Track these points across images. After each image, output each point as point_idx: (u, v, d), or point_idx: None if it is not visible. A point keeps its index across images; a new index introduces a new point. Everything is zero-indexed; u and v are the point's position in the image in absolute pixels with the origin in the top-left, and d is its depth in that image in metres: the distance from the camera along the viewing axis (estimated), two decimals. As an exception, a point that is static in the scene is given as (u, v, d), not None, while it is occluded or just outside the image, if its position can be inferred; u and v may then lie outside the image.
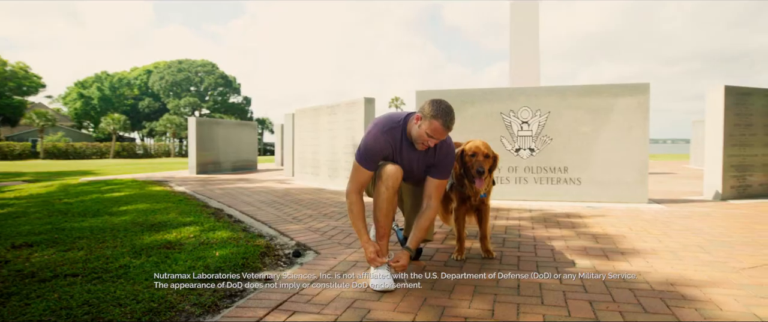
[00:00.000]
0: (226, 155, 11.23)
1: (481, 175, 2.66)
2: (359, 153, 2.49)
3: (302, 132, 8.15)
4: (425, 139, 2.38)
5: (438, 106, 2.34)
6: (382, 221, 2.49)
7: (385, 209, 2.46)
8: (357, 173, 2.51)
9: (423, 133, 2.37)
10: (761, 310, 2.00)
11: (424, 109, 2.37)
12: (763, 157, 5.71)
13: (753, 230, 3.66)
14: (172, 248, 3.21)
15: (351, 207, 2.52)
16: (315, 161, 7.67)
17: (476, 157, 2.72)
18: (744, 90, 5.55)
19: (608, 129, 5.10)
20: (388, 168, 2.46)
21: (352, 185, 2.52)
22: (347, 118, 6.75)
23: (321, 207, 5.00)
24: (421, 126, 2.37)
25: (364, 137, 2.50)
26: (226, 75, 55.13)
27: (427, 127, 2.34)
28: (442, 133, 2.36)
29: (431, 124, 2.33)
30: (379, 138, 2.46)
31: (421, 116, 2.37)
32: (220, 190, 6.87)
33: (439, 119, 2.32)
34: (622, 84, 5.07)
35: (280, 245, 3.37)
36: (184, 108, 51.73)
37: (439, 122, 2.32)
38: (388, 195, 2.44)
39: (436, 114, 2.32)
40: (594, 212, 4.58)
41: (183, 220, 4.20)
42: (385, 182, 2.44)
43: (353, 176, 2.52)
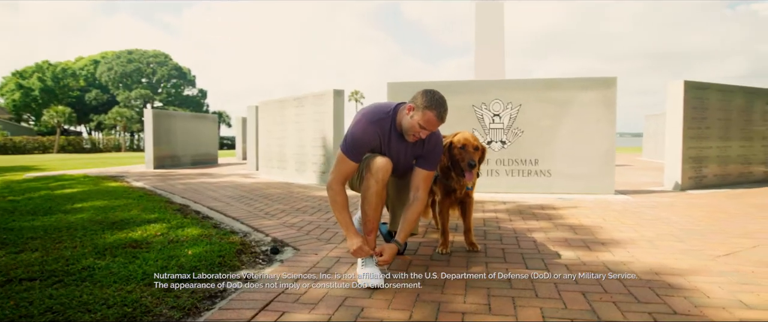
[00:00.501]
0: (185, 149, 10.78)
1: (472, 168, 2.61)
2: (346, 144, 2.38)
3: (267, 125, 7.91)
4: (417, 130, 2.31)
5: (431, 97, 2.27)
6: (371, 215, 2.40)
7: (374, 202, 2.37)
8: (342, 165, 2.40)
9: (415, 124, 2.29)
10: (746, 297, 2.05)
11: (416, 100, 2.29)
12: (717, 149, 6.00)
13: (717, 219, 3.81)
14: (139, 247, 3.00)
15: (335, 198, 2.41)
16: (281, 154, 7.46)
17: (466, 149, 2.66)
18: (700, 85, 5.80)
19: (577, 122, 5.20)
20: (377, 161, 2.36)
21: (335, 176, 2.41)
22: (315, 110, 6.59)
23: (292, 202, 4.85)
24: (413, 117, 2.30)
25: (351, 128, 2.40)
26: (180, 67, 53.09)
27: (420, 118, 2.27)
28: (435, 124, 2.30)
29: (424, 115, 2.26)
30: (368, 129, 2.36)
31: (414, 107, 2.29)
32: (182, 185, 6.56)
33: (434, 110, 2.25)
34: (590, 78, 5.18)
35: (256, 241, 3.22)
36: (135, 100, 49.46)
37: (433, 113, 2.26)
38: (378, 189, 2.35)
39: (430, 105, 2.25)
40: (566, 203, 4.66)
41: (147, 217, 3.96)
42: (375, 175, 2.34)
43: (337, 168, 2.41)
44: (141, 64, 51.06)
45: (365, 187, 2.38)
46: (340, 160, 2.39)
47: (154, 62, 51.89)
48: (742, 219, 3.81)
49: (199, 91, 55.14)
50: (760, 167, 6.63)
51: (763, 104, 6.58)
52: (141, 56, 51.53)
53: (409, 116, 2.32)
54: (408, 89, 5.47)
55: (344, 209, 2.40)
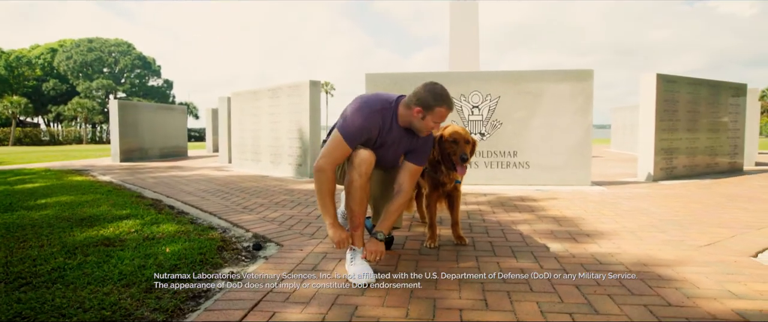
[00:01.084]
0: (153, 142, 10.40)
1: (464, 161, 2.57)
2: (346, 129, 2.29)
3: (240, 116, 7.69)
4: (431, 127, 2.32)
5: (435, 93, 2.27)
6: (357, 210, 2.32)
7: (359, 197, 2.29)
8: (337, 149, 2.30)
9: (429, 123, 2.29)
10: (733, 287, 2.09)
11: (422, 100, 2.26)
12: (686, 140, 6.18)
13: (693, 210, 3.91)
14: (112, 244, 2.85)
15: (323, 183, 2.30)
16: (255, 146, 7.28)
17: (458, 143, 2.61)
18: (671, 78, 5.95)
19: (555, 114, 5.25)
20: (360, 154, 2.28)
21: (328, 159, 2.30)
22: (291, 102, 6.43)
23: (270, 195, 4.72)
24: (425, 118, 2.29)
25: (353, 113, 2.31)
26: (144, 56, 51.24)
27: (433, 117, 2.28)
28: (445, 115, 2.32)
29: (436, 113, 2.27)
30: (372, 117, 2.30)
31: (423, 109, 2.27)
32: (152, 179, 6.31)
33: (443, 105, 2.28)
34: (568, 70, 5.23)
35: (236, 237, 3.11)
36: (96, 91, 47.49)
37: (444, 108, 2.28)
38: (362, 182, 2.28)
39: (437, 102, 2.26)
40: (544, 195, 4.70)
41: (118, 213, 3.77)
42: (358, 169, 2.26)
43: (331, 151, 2.30)
44: (102, 53, 48.99)
45: (348, 181, 2.31)
46: (337, 144, 2.29)
47: (117, 51, 49.89)
48: (716, 209, 3.92)
49: (165, 81, 53.41)
50: (725, 158, 6.87)
51: (727, 97, 6.82)
52: (102, 45, 49.41)
53: (419, 118, 2.30)
54: (386, 80, 5.40)
55: (331, 196, 2.32)
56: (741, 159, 7.16)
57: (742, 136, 7.15)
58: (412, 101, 2.30)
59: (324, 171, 2.29)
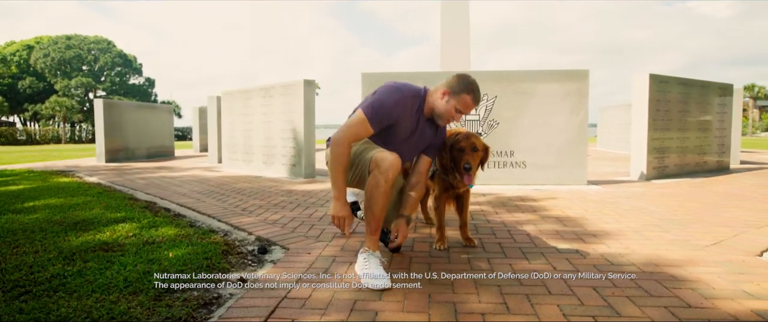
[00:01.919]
0: (139, 141, 10.18)
1: (467, 171, 2.56)
2: (372, 109, 2.27)
3: (231, 116, 7.57)
4: (453, 114, 2.36)
5: (467, 81, 2.33)
6: (378, 215, 2.26)
7: (383, 203, 2.24)
8: (358, 127, 2.28)
9: (451, 108, 2.34)
10: (747, 286, 2.10)
11: (451, 85, 2.33)
12: (677, 140, 6.27)
13: (690, 209, 3.96)
14: (111, 250, 2.75)
15: (339, 158, 2.25)
16: (247, 147, 7.17)
17: (463, 151, 2.59)
18: (663, 78, 6.03)
19: (552, 114, 5.27)
20: (387, 158, 2.20)
21: (346, 134, 2.26)
22: (284, 101, 6.35)
23: (267, 197, 4.64)
24: (449, 101, 2.34)
25: (382, 95, 2.31)
26: (124, 54, 50.23)
27: (457, 102, 2.33)
28: (471, 108, 2.37)
29: (462, 99, 2.32)
30: (402, 102, 2.32)
31: (450, 92, 2.33)
32: (142, 180, 6.16)
33: (471, 94, 2.32)
34: (564, 70, 5.25)
35: (239, 240, 3.04)
36: (75, 89, 46.35)
37: (471, 97, 2.32)
38: (387, 188, 2.21)
39: (466, 89, 2.31)
40: (543, 194, 4.71)
41: (112, 216, 3.66)
42: (385, 174, 2.19)
43: (352, 128, 2.28)
44: (81, 50, 47.83)
45: (373, 185, 2.23)
46: (359, 122, 2.27)
47: (96, 49, 48.78)
48: (713, 208, 3.97)
49: (146, 80, 52.40)
50: (713, 157, 7.00)
51: (715, 97, 6.94)
52: (81, 42, 48.24)
53: (444, 101, 2.34)
54: (383, 79, 5.35)
55: (344, 171, 2.28)
56: (728, 158, 7.30)
57: (728, 135, 7.29)
58: (441, 86, 2.37)
59: (340, 144, 2.26)
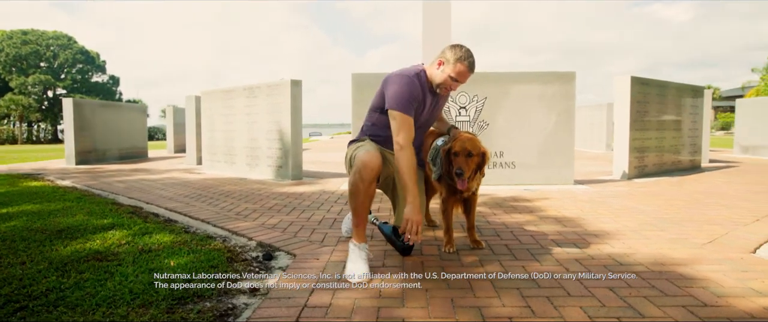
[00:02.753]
0: (111, 142, 9.80)
1: (459, 176, 2.52)
2: (401, 104, 2.36)
3: (212, 116, 7.37)
4: (449, 83, 2.43)
5: (460, 50, 2.39)
6: (361, 210, 2.38)
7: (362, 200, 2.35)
8: (407, 123, 2.37)
9: (447, 77, 2.42)
10: (753, 284, 2.17)
11: (445, 55, 2.44)
12: (655, 140, 6.47)
13: (677, 207, 4.08)
14: (106, 259, 2.63)
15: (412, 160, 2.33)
16: (229, 148, 7.00)
17: (459, 156, 2.55)
18: (643, 80, 6.21)
19: (540, 115, 5.35)
20: (364, 157, 2.32)
21: (406, 135, 2.35)
22: (270, 102, 6.22)
23: (259, 199, 4.53)
24: (444, 70, 2.41)
25: (398, 88, 2.38)
26: (86, 50, 48.33)
27: (452, 70, 2.39)
28: (466, 75, 2.43)
29: (456, 67, 2.38)
30: (414, 83, 2.41)
31: (444, 61, 2.40)
32: (120, 183, 5.93)
33: (465, 61, 2.38)
34: (552, 72, 5.34)
35: (241, 246, 2.95)
36: (33, 87, 44.32)
37: (465, 65, 2.38)
38: (364, 187, 2.32)
39: (460, 57, 2.37)
40: (535, 195, 4.77)
41: (99, 222, 3.50)
42: (360, 173, 2.30)
43: (404, 128, 2.36)
44: (39, 46, 45.74)
45: (352, 183, 2.34)
46: (404, 120, 2.36)
47: (56, 45, 46.76)
48: (698, 206, 4.11)
49: (111, 77, 50.57)
50: (687, 155, 7.26)
51: (688, 98, 7.20)
52: (39, 38, 46.13)
53: (439, 70, 2.43)
54: (372, 79, 5.34)
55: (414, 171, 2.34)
56: (700, 157, 7.59)
57: (700, 135, 7.58)
58: (437, 58, 2.46)
59: (408, 148, 2.34)
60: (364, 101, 5.34)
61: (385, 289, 2.16)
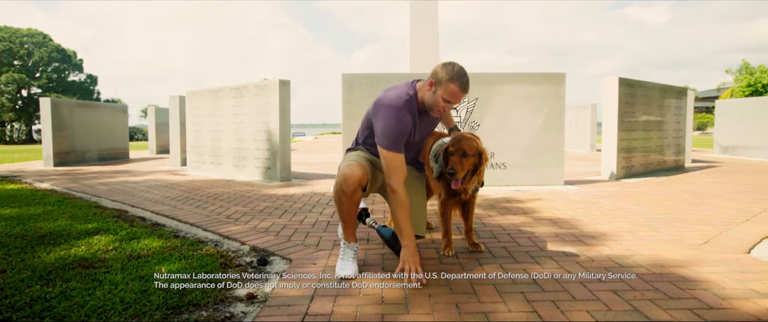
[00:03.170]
0: (91, 143, 9.54)
1: (453, 176, 2.47)
2: (390, 142, 2.25)
3: (198, 117, 7.22)
4: (441, 105, 2.31)
5: (452, 69, 2.26)
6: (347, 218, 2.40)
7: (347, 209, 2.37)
8: (398, 163, 2.27)
9: (439, 99, 2.29)
10: (753, 285, 2.17)
11: (437, 74, 2.28)
12: (642, 140, 6.55)
13: (668, 207, 4.11)
14: (93, 266, 2.52)
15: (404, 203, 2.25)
16: (216, 149, 6.86)
17: (453, 155, 2.50)
18: (629, 82, 6.27)
19: (531, 115, 5.36)
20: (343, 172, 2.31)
21: (398, 178, 2.26)
22: (258, 102, 6.11)
23: (249, 202, 4.43)
24: (436, 92, 2.28)
25: (386, 123, 2.26)
26: (63, 49, 47.11)
27: (443, 92, 2.26)
28: (459, 97, 2.29)
29: (448, 88, 2.25)
30: (403, 118, 2.29)
31: (435, 82, 2.28)
32: (102, 185, 5.75)
33: (456, 82, 2.25)
34: (542, 73, 5.35)
35: (233, 251, 2.87)
36: (6, 86, 43.06)
37: (456, 85, 2.25)
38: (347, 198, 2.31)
39: (452, 77, 2.24)
40: (527, 195, 4.77)
41: (82, 227, 3.37)
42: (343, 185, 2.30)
43: (395, 168, 2.26)
44: (12, 44, 44.42)
45: (335, 193, 2.36)
46: (393, 159, 2.26)
47: (30, 43, 45.47)
48: (688, 206, 4.15)
49: (88, 76, 49.38)
50: (672, 156, 7.37)
51: (673, 99, 7.31)
52: (12, 35, 44.80)
53: (431, 92, 2.30)
54: (362, 80, 5.28)
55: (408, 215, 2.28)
56: (684, 157, 7.71)
57: (684, 135, 7.70)
58: (428, 77, 2.33)
59: (400, 191, 2.25)
60: (355, 101, 5.28)
61: (387, 294, 2.11)
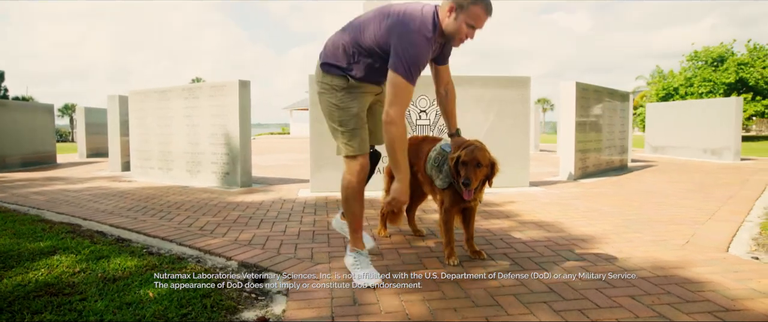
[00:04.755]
0: (12, 147, 8.58)
1: (466, 187, 2.44)
2: (408, 70, 2.08)
3: (144, 118, 6.68)
4: (465, 31, 2.15)
5: None
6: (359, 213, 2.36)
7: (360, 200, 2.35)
8: (406, 93, 2.12)
9: (461, 24, 2.12)
10: (752, 284, 2.28)
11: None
12: (594, 142, 6.87)
13: (634, 207, 4.30)
14: (62, 293, 2.21)
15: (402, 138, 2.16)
16: (165, 153, 6.38)
17: (466, 166, 2.46)
18: (584, 86, 6.56)
19: (498, 118, 5.43)
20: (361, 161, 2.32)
21: (400, 108, 2.12)
22: (214, 103, 5.75)
23: (217, 212, 4.12)
24: (458, 18, 2.12)
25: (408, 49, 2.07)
26: (-36, 40, 42.37)
27: (467, 16, 2.11)
28: (484, 20, 2.15)
29: (471, 11, 2.10)
30: (427, 47, 2.13)
31: (456, 6, 2.11)
32: (38, 195, 5.15)
33: (480, 3, 2.09)
34: (509, 77, 5.45)
35: (221, 268, 2.63)
36: None
37: (480, 6, 2.09)
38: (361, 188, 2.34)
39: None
40: (499, 198, 4.82)
41: (34, 246, 2.96)
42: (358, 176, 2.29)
43: (402, 98, 2.12)
44: None
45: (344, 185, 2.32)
46: (404, 88, 2.10)
47: (-76, 33, 40.52)
48: (652, 206, 4.36)
49: (-5, 72, 44.71)
50: (618, 156, 7.81)
51: (618, 102, 7.75)
52: None
53: (451, 18, 2.13)
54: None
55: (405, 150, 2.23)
56: (626, 156, 8.21)
57: (627, 136, 8.20)
58: (447, 1, 2.15)
59: (399, 123, 2.12)
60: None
61: (410, 310, 2.00)
